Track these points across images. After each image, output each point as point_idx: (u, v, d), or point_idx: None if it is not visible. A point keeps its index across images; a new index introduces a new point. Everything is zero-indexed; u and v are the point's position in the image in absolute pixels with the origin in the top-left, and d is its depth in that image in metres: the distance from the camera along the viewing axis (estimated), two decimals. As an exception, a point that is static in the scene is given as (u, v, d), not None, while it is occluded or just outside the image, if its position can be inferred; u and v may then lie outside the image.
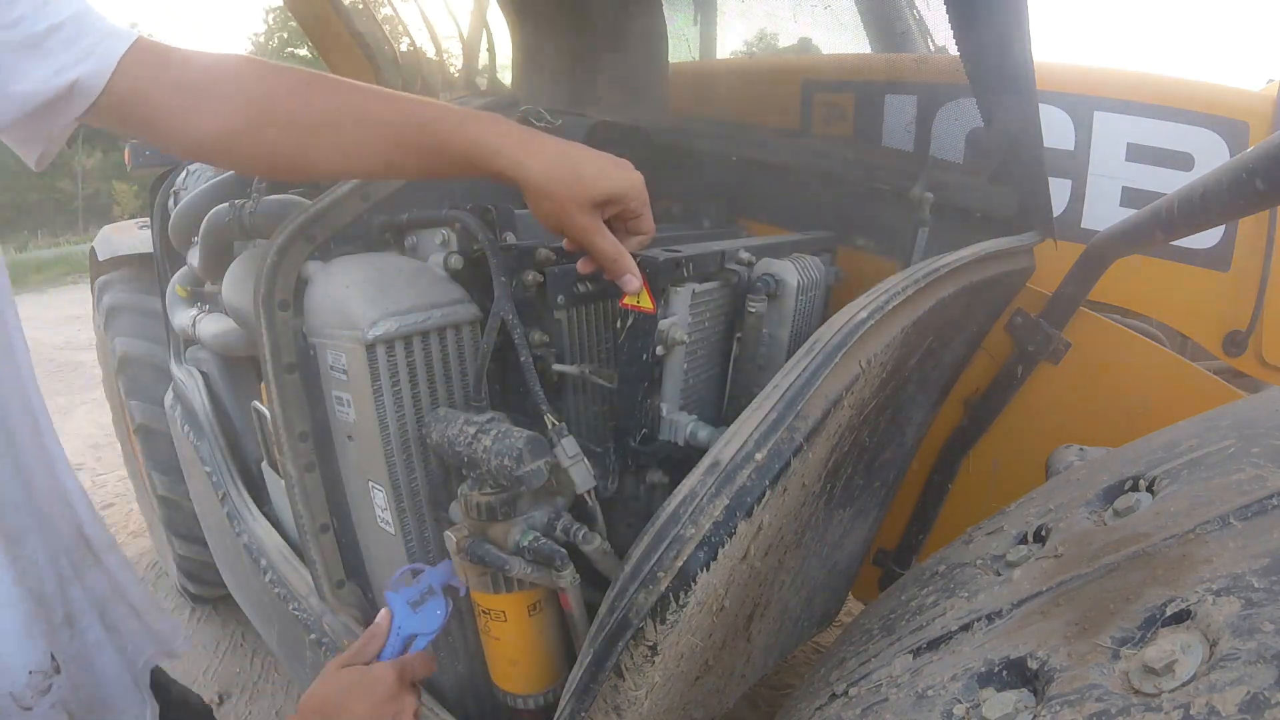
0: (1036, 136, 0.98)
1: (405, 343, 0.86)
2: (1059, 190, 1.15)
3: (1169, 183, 1.13)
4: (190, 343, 1.73)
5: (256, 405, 1.43)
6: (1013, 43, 0.90)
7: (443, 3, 1.89)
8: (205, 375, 1.67)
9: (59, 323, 8.24)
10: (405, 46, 1.94)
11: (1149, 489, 0.52)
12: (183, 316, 1.66)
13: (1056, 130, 1.17)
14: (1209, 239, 1.16)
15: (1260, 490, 0.42)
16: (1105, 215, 1.15)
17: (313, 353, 0.91)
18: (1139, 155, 1.16)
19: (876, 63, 1.49)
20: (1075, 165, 1.18)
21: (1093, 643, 0.39)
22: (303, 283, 0.90)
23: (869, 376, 0.69)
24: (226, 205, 1.28)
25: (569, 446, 0.79)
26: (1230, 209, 0.66)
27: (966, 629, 0.49)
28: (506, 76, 1.91)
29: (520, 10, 1.71)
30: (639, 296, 0.78)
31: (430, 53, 1.93)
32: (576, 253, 0.76)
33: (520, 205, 0.90)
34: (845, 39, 1.83)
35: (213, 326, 1.53)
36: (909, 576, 0.71)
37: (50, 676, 0.66)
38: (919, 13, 1.81)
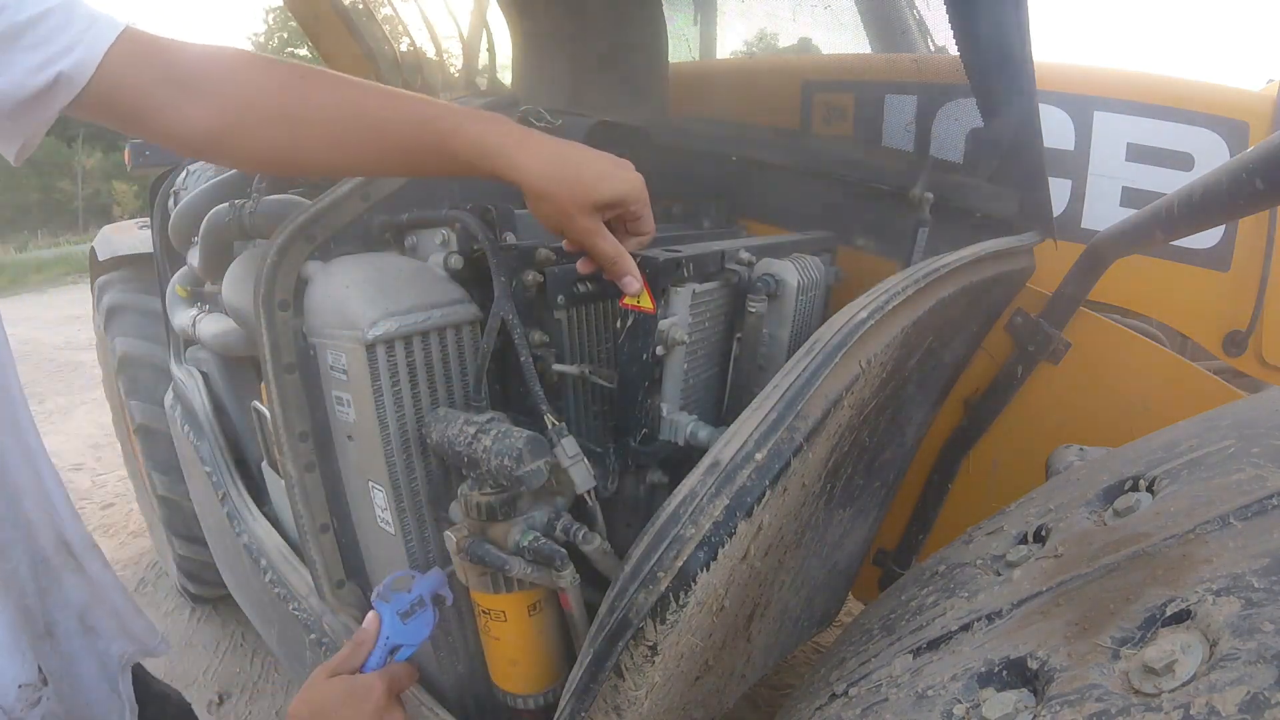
0: (1036, 136, 0.98)
1: (405, 343, 0.85)
2: (1059, 190, 1.15)
3: (1169, 183, 1.13)
4: (190, 343, 1.73)
5: (256, 405, 1.43)
6: (1013, 43, 0.90)
7: (443, 3, 1.89)
8: (205, 375, 1.67)
9: (59, 323, 8.24)
10: (405, 46, 1.94)
11: (1149, 489, 0.52)
12: (183, 316, 1.66)
13: (1056, 130, 1.17)
14: (1209, 239, 1.16)
15: (1260, 490, 0.42)
16: (1105, 215, 1.15)
17: (313, 353, 0.91)
18: (1139, 155, 1.16)
19: (876, 63, 1.49)
20: (1075, 165, 1.18)
21: (1093, 643, 0.39)
22: (303, 283, 0.90)
23: (869, 376, 0.69)
24: (226, 205, 1.28)
25: (569, 446, 0.79)
26: (1230, 209, 0.65)
27: (966, 629, 0.49)
28: (506, 76, 1.91)
29: (520, 10, 1.71)
30: (639, 297, 0.78)
31: (430, 53, 1.93)
32: (576, 253, 0.76)
33: (520, 205, 0.89)
34: (845, 39, 1.83)
35: (213, 326, 1.53)
36: (909, 576, 0.71)
37: (39, 689, 0.65)
38: (919, 13, 1.81)
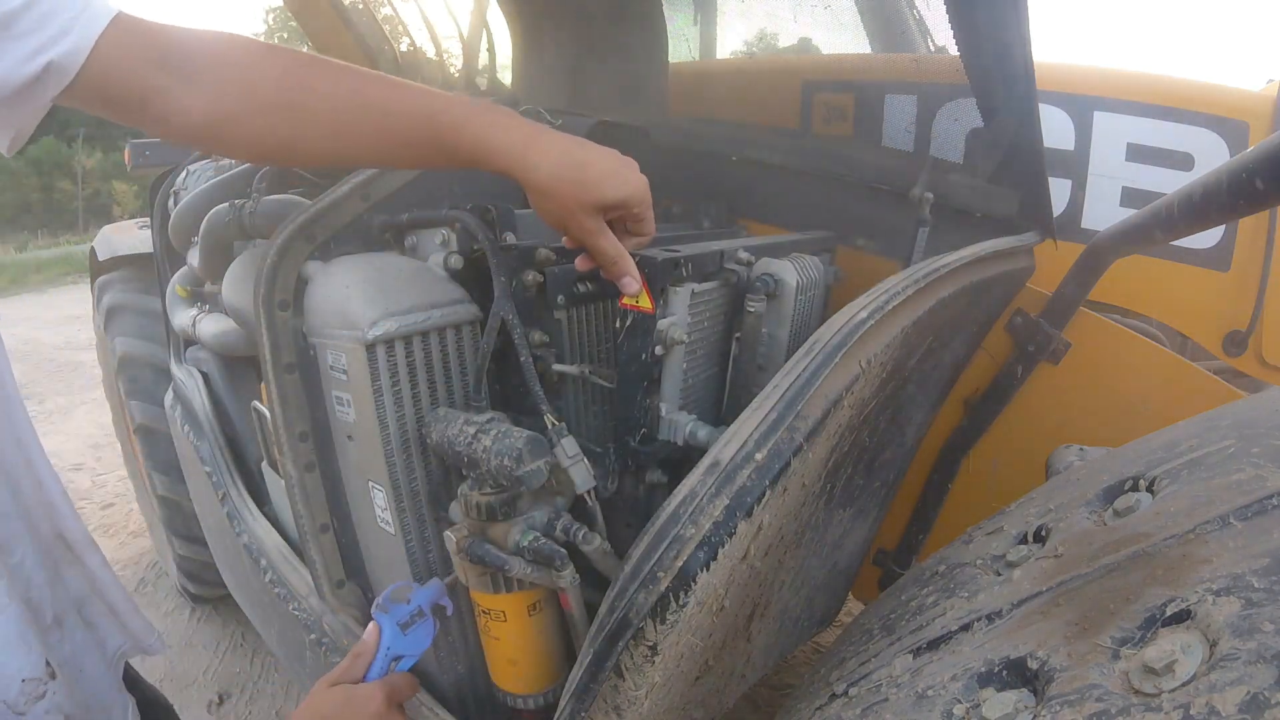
0: (1036, 136, 0.98)
1: (405, 343, 0.86)
2: (1059, 190, 1.15)
3: (1169, 183, 1.13)
4: (190, 343, 1.73)
5: (256, 405, 1.43)
6: (1013, 43, 0.90)
7: (443, 3, 1.89)
8: (205, 375, 1.67)
9: (59, 323, 8.24)
10: (405, 46, 1.94)
11: (1149, 489, 0.52)
12: (183, 316, 1.66)
13: (1056, 130, 1.17)
14: (1209, 239, 1.16)
15: (1260, 490, 0.42)
16: (1105, 215, 1.15)
17: (313, 353, 0.91)
18: (1139, 155, 1.16)
19: (876, 63, 1.49)
20: (1075, 165, 1.18)
21: (1093, 643, 0.39)
22: (303, 283, 0.90)
23: (869, 376, 0.69)
24: (226, 205, 1.28)
25: (569, 446, 0.79)
26: (1230, 209, 0.65)
27: (966, 629, 0.49)
28: (506, 76, 1.91)
29: (520, 10, 1.71)
30: (638, 297, 0.78)
31: (430, 53, 1.93)
32: (576, 250, 0.76)
33: (520, 205, 0.89)
34: (845, 39, 1.83)
35: (213, 326, 1.53)
36: (909, 576, 0.71)
37: (45, 683, 0.65)
38: (919, 13, 1.81)
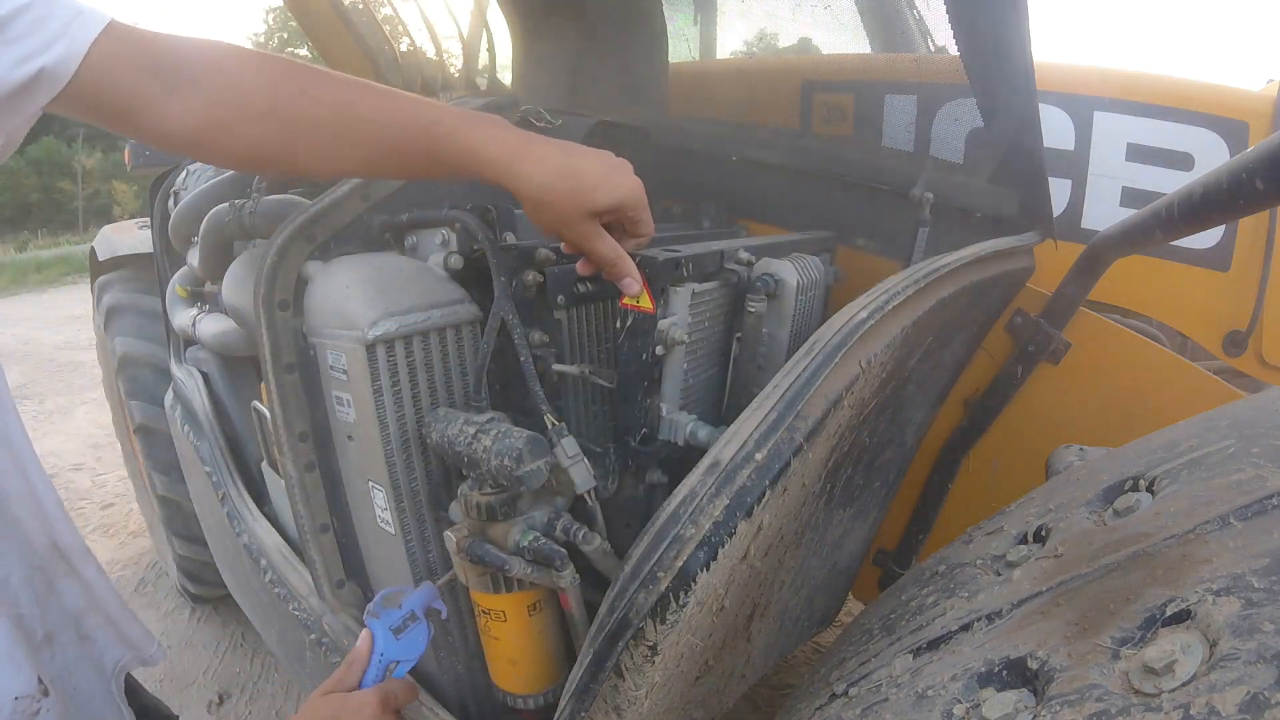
0: (1036, 136, 0.98)
1: (405, 343, 0.85)
2: (1059, 190, 1.15)
3: (1169, 183, 1.13)
4: (190, 343, 1.73)
5: (256, 405, 1.43)
6: (1013, 43, 0.90)
7: (443, 3, 1.89)
8: (205, 375, 1.67)
9: (59, 323, 8.25)
10: (405, 46, 1.94)
11: (1149, 489, 0.52)
12: (183, 316, 1.66)
13: (1056, 130, 1.17)
14: (1209, 239, 1.16)
15: (1260, 490, 0.42)
16: (1105, 215, 1.15)
17: (313, 353, 0.91)
18: (1139, 155, 1.16)
19: (876, 63, 1.49)
20: (1075, 165, 1.18)
21: (1093, 643, 0.39)
22: (303, 283, 0.90)
23: (869, 376, 0.69)
24: (226, 205, 1.28)
25: (569, 446, 0.79)
26: (1230, 209, 0.65)
27: (966, 629, 0.49)
28: (506, 76, 1.91)
29: (520, 10, 1.71)
30: (639, 297, 0.78)
31: (430, 53, 1.93)
32: (575, 254, 0.76)
33: (520, 205, 0.89)
34: (845, 39, 1.83)
35: (213, 326, 1.53)
36: (909, 576, 0.71)
37: (38, 700, 0.64)
38: (919, 13, 1.81)
